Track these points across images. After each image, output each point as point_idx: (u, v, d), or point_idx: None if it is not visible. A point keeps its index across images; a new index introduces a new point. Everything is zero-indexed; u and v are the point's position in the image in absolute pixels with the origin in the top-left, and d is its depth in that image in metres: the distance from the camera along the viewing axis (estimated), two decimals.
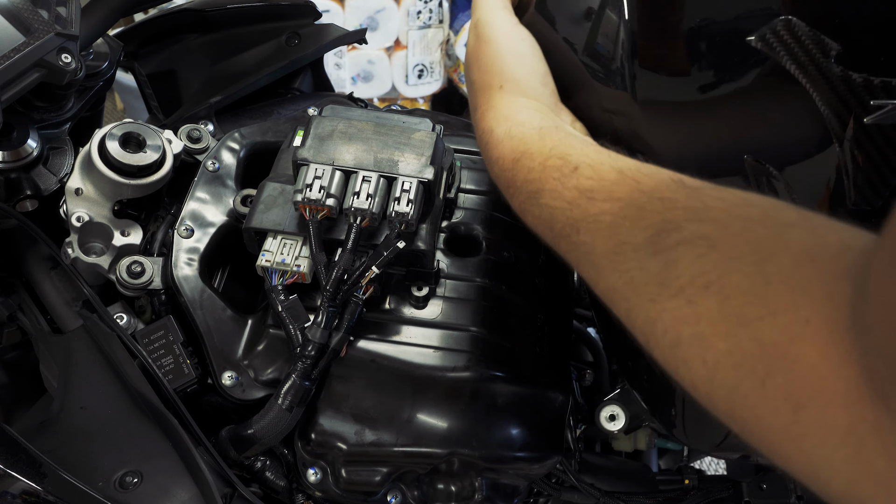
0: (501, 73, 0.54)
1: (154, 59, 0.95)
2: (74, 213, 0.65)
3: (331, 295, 0.58)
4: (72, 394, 0.59)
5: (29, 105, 0.67)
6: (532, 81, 0.54)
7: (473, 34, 0.58)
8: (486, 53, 0.56)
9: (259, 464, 0.64)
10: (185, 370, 0.62)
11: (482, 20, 0.57)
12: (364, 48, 2.28)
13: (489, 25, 0.56)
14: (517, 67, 0.54)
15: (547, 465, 0.66)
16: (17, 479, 0.49)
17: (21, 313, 0.69)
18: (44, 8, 0.60)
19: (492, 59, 0.55)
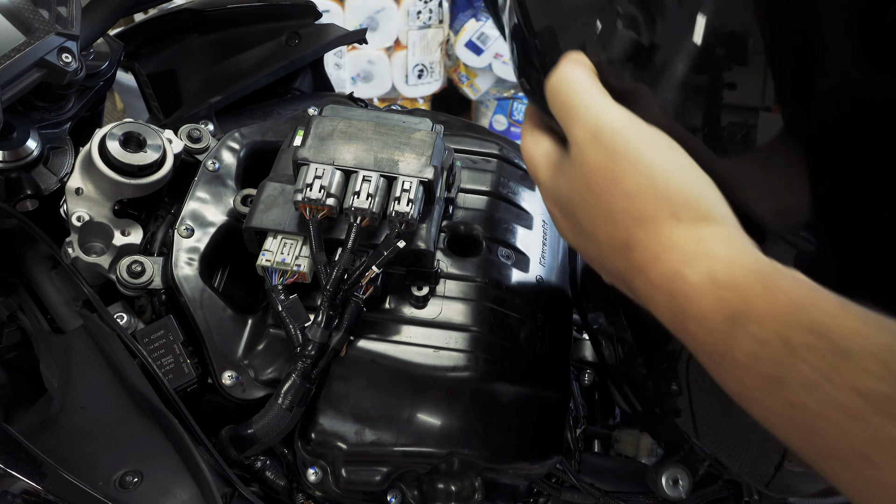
0: (668, 198, 0.39)
1: (154, 58, 0.95)
2: (75, 213, 0.65)
3: (331, 295, 0.58)
4: (72, 393, 0.59)
5: (29, 105, 0.67)
6: (711, 201, 0.40)
7: (596, 149, 0.41)
8: (631, 174, 0.40)
9: (259, 463, 0.64)
10: (185, 370, 0.62)
11: (607, 128, 0.41)
12: (364, 48, 2.28)
13: (621, 135, 0.41)
14: (686, 186, 0.40)
15: (547, 465, 0.66)
16: (17, 479, 0.49)
17: (21, 313, 0.69)
18: (44, 8, 0.60)
19: (645, 181, 0.40)
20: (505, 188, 0.74)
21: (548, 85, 0.44)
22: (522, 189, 0.76)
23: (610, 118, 0.41)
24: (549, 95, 0.44)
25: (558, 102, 0.43)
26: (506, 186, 0.74)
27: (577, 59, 0.44)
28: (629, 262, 0.40)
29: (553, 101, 0.44)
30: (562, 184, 0.45)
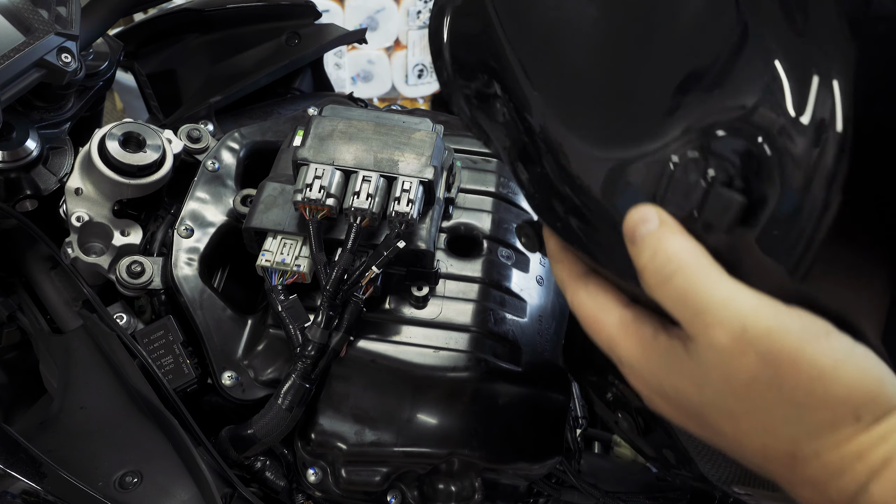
0: (845, 400, 0.33)
1: (154, 58, 0.95)
2: (74, 213, 0.65)
3: (331, 295, 0.58)
4: (71, 394, 0.59)
5: (29, 105, 0.67)
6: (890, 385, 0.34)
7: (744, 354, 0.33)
8: (795, 380, 0.33)
9: (259, 464, 0.64)
10: (184, 370, 0.62)
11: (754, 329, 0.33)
12: (364, 48, 2.28)
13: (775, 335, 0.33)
14: (862, 378, 0.33)
15: (547, 465, 0.66)
16: (16, 479, 0.49)
17: (21, 313, 0.69)
18: (44, 8, 0.60)
19: (815, 386, 0.33)
20: (505, 188, 0.74)
21: (649, 266, 0.35)
22: None
23: (756, 315, 0.33)
24: (655, 279, 0.35)
25: (672, 290, 0.35)
26: (506, 186, 0.74)
27: (673, 228, 0.35)
28: (794, 474, 0.35)
29: (662, 287, 0.35)
30: (678, 382, 0.37)
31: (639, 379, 0.39)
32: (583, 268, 0.41)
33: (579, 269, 0.42)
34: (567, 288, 0.42)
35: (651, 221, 0.35)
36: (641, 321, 0.38)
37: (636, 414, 0.55)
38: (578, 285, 0.41)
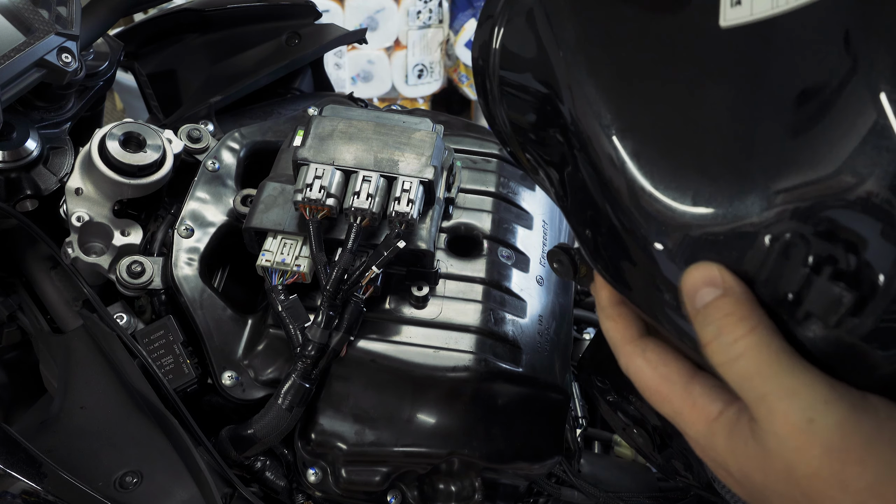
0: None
1: (154, 58, 0.95)
2: (74, 213, 0.65)
3: (331, 295, 0.58)
4: (72, 394, 0.59)
5: (29, 105, 0.67)
6: None
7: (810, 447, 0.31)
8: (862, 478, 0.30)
9: (259, 464, 0.64)
10: (185, 370, 0.62)
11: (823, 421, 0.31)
12: (364, 48, 2.28)
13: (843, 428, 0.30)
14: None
15: (547, 465, 0.66)
16: (16, 479, 0.49)
17: (21, 313, 0.69)
18: (44, 8, 0.60)
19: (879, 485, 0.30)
20: (505, 188, 0.74)
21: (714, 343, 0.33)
22: (522, 189, 0.76)
23: (826, 407, 0.30)
24: (720, 358, 0.33)
25: (738, 371, 0.32)
26: (506, 186, 0.74)
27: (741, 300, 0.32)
28: None
29: (727, 366, 0.33)
30: (743, 463, 0.34)
31: (704, 453, 0.37)
32: (639, 328, 0.39)
33: (635, 329, 0.39)
34: (621, 350, 0.39)
35: (715, 286, 0.32)
36: (708, 397, 0.35)
37: (654, 431, 0.54)
38: (636, 350, 0.38)
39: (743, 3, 0.33)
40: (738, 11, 0.33)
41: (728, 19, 0.34)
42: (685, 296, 0.34)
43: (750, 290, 0.32)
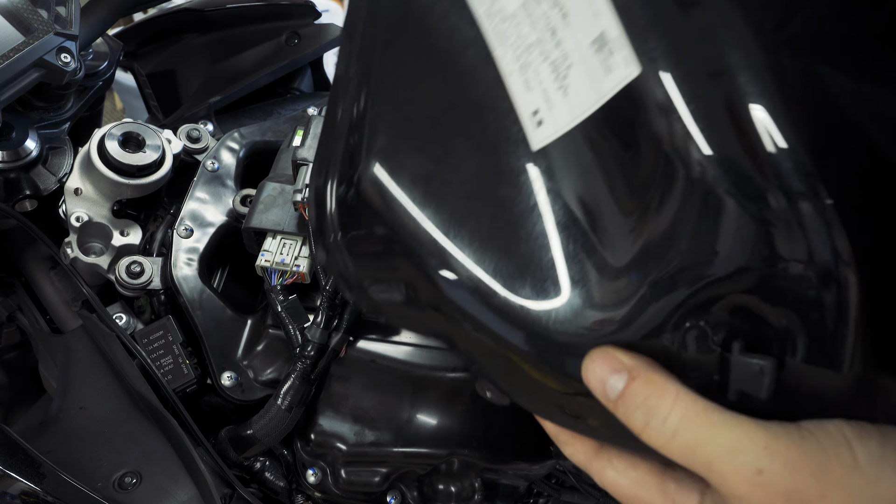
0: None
1: (153, 58, 0.95)
2: (74, 213, 0.64)
3: (330, 295, 0.58)
4: (71, 394, 0.59)
5: (28, 105, 0.67)
6: None
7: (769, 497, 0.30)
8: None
9: (258, 464, 0.64)
10: (184, 370, 0.62)
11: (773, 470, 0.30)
12: None
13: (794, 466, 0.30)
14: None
15: (547, 466, 0.66)
16: (16, 480, 0.48)
17: (20, 313, 0.69)
18: (43, 8, 0.60)
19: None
20: None
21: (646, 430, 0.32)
22: None
23: (768, 453, 0.30)
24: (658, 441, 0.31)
25: (678, 448, 0.31)
26: None
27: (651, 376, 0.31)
28: None
29: (667, 446, 0.31)
30: None
31: None
32: (595, 441, 0.37)
33: (592, 443, 0.37)
34: (589, 469, 0.37)
35: (619, 371, 0.32)
36: (684, 491, 0.34)
37: None
38: (602, 463, 0.37)
39: (546, 122, 0.33)
40: (543, 132, 0.33)
41: (538, 142, 0.33)
42: (595, 393, 0.32)
43: (651, 359, 0.32)
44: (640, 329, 0.31)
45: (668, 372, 0.31)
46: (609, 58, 0.30)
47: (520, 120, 0.33)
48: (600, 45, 0.30)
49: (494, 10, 0.34)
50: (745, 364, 0.30)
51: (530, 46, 0.33)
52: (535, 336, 0.34)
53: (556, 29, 0.32)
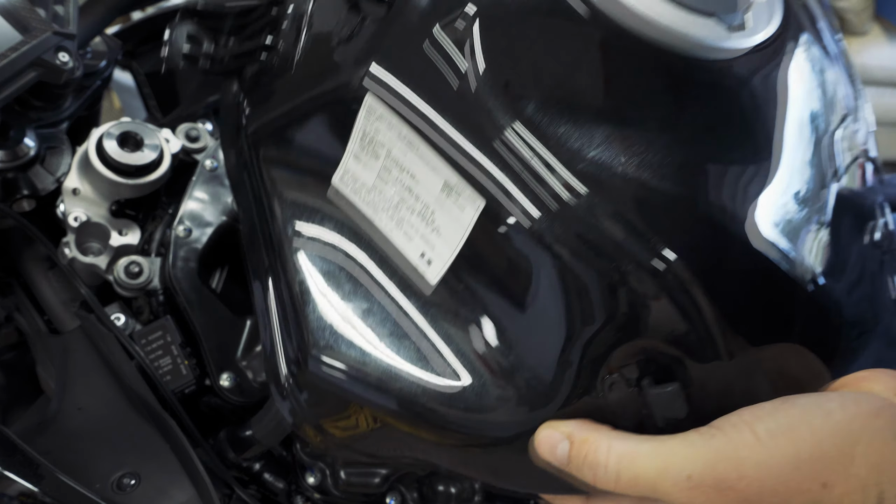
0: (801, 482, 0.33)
1: (152, 57, 0.94)
2: (72, 213, 0.64)
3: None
4: (69, 395, 0.58)
5: (26, 104, 0.67)
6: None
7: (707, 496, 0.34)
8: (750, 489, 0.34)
9: (258, 465, 0.64)
10: (182, 371, 0.62)
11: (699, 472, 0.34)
12: None
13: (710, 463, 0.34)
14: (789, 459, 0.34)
15: None
16: (13, 481, 0.48)
17: (18, 314, 0.69)
18: (41, 6, 0.60)
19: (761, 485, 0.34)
20: None
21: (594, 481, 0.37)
22: None
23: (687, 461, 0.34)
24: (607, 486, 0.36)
25: (626, 485, 0.36)
26: None
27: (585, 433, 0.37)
28: None
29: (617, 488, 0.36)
30: None
31: None
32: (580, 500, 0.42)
33: (580, 498, 0.42)
34: None
35: (559, 441, 0.38)
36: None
37: None
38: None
39: (433, 260, 0.39)
40: (435, 268, 0.39)
41: (433, 277, 0.40)
42: (551, 463, 0.38)
43: (584, 420, 0.38)
44: (570, 399, 0.37)
45: (599, 425, 0.37)
46: (458, 198, 0.37)
47: (413, 265, 0.39)
48: (448, 191, 0.37)
49: (359, 187, 0.40)
50: (658, 395, 0.36)
51: (397, 205, 0.39)
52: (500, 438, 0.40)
53: (411, 187, 0.39)
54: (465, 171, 0.36)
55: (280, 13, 0.49)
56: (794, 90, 0.42)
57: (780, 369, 0.38)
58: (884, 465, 0.32)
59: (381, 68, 0.38)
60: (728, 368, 0.36)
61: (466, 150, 0.36)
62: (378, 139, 0.39)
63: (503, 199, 0.36)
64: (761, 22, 0.42)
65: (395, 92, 0.38)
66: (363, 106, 0.39)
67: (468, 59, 0.36)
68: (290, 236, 0.44)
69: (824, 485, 0.33)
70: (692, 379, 0.36)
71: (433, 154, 0.37)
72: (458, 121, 0.36)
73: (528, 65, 0.37)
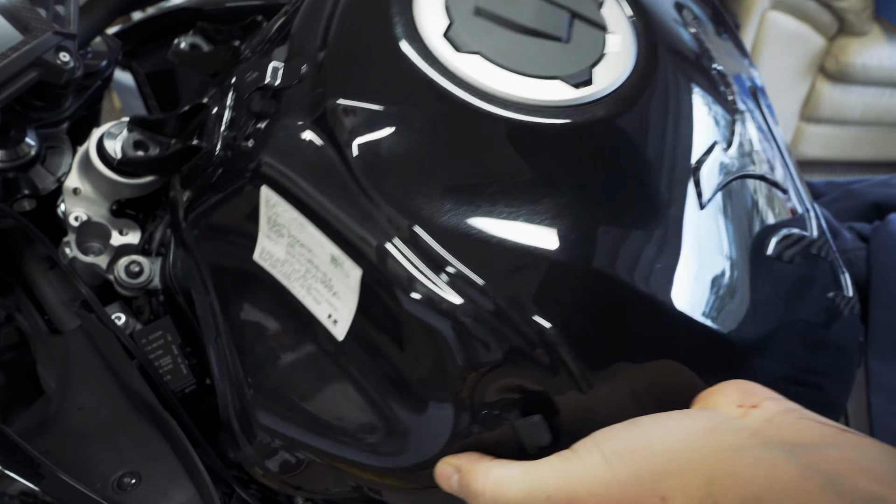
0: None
1: (152, 57, 0.94)
2: (72, 213, 0.64)
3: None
4: (70, 394, 0.58)
5: (26, 104, 0.67)
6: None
7: None
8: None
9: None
10: (183, 371, 0.62)
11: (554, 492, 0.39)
12: None
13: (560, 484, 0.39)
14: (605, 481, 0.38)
15: None
16: (14, 480, 0.48)
17: (18, 313, 0.69)
18: (42, 6, 0.60)
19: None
20: None
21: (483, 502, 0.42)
22: None
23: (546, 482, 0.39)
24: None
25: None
26: None
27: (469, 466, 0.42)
28: None
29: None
30: None
31: None
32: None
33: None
34: None
35: (451, 474, 0.43)
36: None
37: None
38: None
39: (339, 320, 0.44)
40: (340, 327, 0.45)
41: (339, 335, 0.45)
42: (452, 492, 0.43)
43: (471, 452, 0.43)
44: (459, 436, 0.43)
45: (483, 456, 0.42)
46: (343, 267, 0.43)
47: (324, 325, 0.45)
48: (335, 262, 0.43)
49: (275, 261, 0.47)
50: (524, 425, 0.41)
51: (305, 275, 0.45)
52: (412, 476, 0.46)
53: (311, 259, 0.44)
54: (342, 245, 0.42)
55: (205, 116, 0.57)
56: (645, 132, 0.46)
57: (652, 388, 0.42)
58: (716, 477, 0.35)
59: (268, 161, 0.45)
60: (588, 398, 0.40)
61: (338, 229, 0.42)
62: (279, 221, 0.45)
63: (378, 268, 0.41)
64: (612, 73, 0.46)
65: (279, 183, 0.44)
66: (261, 194, 0.45)
67: (334, 148, 0.43)
68: (225, 307, 0.51)
69: (663, 498, 0.35)
70: (557, 409, 0.41)
71: (317, 232, 0.43)
72: (332, 202, 0.42)
73: (388, 149, 0.42)
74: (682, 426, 0.38)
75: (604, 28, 0.49)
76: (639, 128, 0.46)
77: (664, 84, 0.48)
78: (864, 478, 0.31)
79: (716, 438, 0.36)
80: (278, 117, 0.46)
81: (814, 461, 0.33)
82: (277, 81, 0.46)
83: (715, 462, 0.35)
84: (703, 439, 0.36)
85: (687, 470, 0.35)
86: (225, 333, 0.51)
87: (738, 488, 0.34)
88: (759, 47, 2.70)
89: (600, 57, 0.46)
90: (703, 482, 0.35)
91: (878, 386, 0.83)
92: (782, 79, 2.77)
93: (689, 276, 0.43)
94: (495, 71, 0.44)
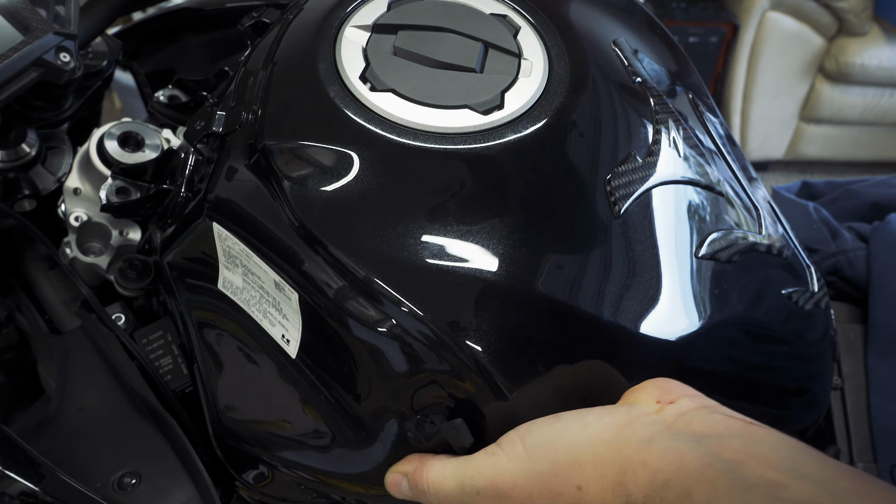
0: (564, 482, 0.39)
1: (153, 58, 0.94)
2: (73, 213, 0.64)
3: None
4: (70, 394, 0.58)
5: (27, 104, 0.67)
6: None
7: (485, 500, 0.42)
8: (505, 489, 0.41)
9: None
10: (183, 371, 0.62)
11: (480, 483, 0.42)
12: None
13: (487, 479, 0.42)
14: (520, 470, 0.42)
15: None
16: (14, 480, 0.48)
17: (19, 313, 0.69)
18: (42, 7, 0.60)
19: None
20: None
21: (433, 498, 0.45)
22: None
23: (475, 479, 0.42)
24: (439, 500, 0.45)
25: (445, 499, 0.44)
26: None
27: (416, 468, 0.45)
28: None
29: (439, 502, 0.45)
30: None
31: None
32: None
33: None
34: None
35: (400, 480, 0.46)
36: None
37: None
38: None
39: (291, 340, 0.48)
40: (293, 345, 0.49)
41: (293, 352, 0.49)
42: (402, 496, 0.47)
43: (415, 455, 0.47)
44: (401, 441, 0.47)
45: (425, 456, 0.46)
46: (285, 291, 0.47)
47: (279, 345, 0.49)
48: (278, 287, 0.47)
49: (235, 289, 0.51)
50: (448, 428, 0.44)
51: (259, 300, 0.50)
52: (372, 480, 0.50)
53: (262, 285, 0.49)
54: (280, 272, 0.46)
55: (175, 160, 0.63)
56: (556, 148, 0.48)
57: (578, 388, 0.45)
58: (628, 466, 0.37)
59: (215, 200, 0.49)
60: (513, 404, 0.43)
61: (274, 258, 0.46)
62: (232, 252, 0.50)
63: (311, 291, 0.45)
64: (523, 96, 0.48)
65: (226, 219, 0.49)
66: (214, 230, 0.50)
67: (267, 185, 0.46)
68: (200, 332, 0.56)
69: (579, 487, 0.38)
70: (483, 415, 0.44)
71: (261, 261, 0.47)
72: (267, 234, 0.46)
73: (315, 183, 0.45)
74: (600, 420, 0.40)
75: (517, 55, 0.50)
76: (548, 145, 0.47)
77: (576, 101, 0.49)
78: (763, 465, 0.34)
79: (630, 431, 0.39)
80: (223, 160, 0.50)
81: (718, 450, 0.35)
82: (220, 128, 0.50)
83: (628, 452, 0.37)
84: (618, 432, 0.39)
85: (602, 460, 0.38)
86: (201, 354, 0.56)
87: (648, 475, 0.36)
88: (758, 47, 2.70)
89: (512, 82, 0.48)
90: (617, 471, 0.37)
91: (877, 386, 0.84)
92: (782, 79, 2.77)
93: (605, 282, 0.46)
94: (406, 105, 0.46)
